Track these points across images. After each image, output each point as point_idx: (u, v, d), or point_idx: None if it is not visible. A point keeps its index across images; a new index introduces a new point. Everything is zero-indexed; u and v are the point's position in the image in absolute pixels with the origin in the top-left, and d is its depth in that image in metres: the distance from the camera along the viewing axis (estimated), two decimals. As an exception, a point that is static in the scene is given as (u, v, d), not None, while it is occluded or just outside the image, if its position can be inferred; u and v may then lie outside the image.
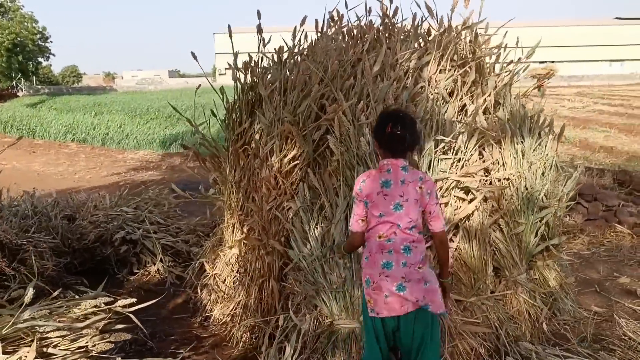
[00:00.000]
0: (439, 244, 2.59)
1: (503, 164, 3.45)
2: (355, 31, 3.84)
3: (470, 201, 3.25)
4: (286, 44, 3.85)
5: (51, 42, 43.64)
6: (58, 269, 4.36)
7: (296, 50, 3.84)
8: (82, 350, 2.49)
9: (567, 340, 3.26)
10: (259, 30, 3.76)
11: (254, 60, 3.84)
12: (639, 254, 4.96)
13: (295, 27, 3.86)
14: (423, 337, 2.50)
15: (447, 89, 3.50)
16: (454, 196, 3.23)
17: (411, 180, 2.48)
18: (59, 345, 2.45)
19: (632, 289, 4.24)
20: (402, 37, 3.70)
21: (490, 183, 3.42)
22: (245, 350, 3.50)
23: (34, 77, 46.99)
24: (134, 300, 2.94)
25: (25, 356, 2.26)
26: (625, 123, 16.90)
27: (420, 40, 3.85)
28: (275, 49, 3.85)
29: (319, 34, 3.83)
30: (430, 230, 2.55)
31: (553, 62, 52.00)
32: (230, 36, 3.76)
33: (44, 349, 2.38)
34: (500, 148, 3.45)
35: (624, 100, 27.06)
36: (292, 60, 3.81)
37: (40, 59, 44.70)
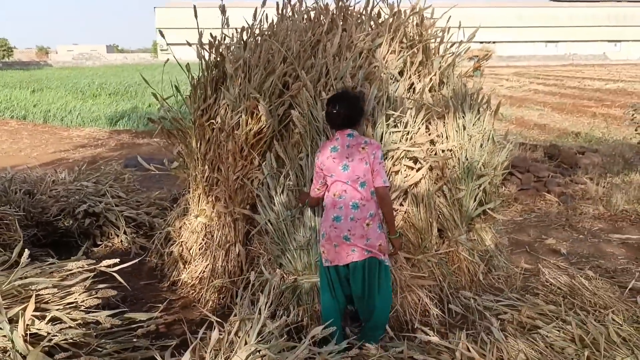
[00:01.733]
0: (379, 199, 2.93)
1: (447, 136, 3.85)
2: (313, 14, 4.12)
3: (418, 170, 3.64)
4: (247, 23, 4.08)
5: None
6: (23, 241, 4.48)
7: (257, 30, 4.08)
8: (72, 305, 2.72)
9: (501, 291, 3.73)
10: (222, 10, 3.98)
11: (218, 39, 4.06)
12: (564, 218, 5.54)
13: (256, 9, 4.10)
14: (370, 285, 2.95)
15: (397, 69, 3.85)
16: (404, 165, 3.60)
17: (355, 143, 2.91)
18: (50, 301, 2.67)
19: (557, 249, 4.79)
20: (357, 20, 4.01)
21: (435, 154, 3.81)
22: (214, 309, 3.80)
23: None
24: (117, 260, 3.17)
25: (24, 310, 2.47)
26: (558, 102, 17.94)
27: (373, 24, 4.17)
28: (236, 29, 4.09)
29: (279, 16, 4.08)
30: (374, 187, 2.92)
31: (494, 42, 53.78)
32: (196, 15, 3.96)
33: (38, 305, 2.60)
34: (444, 122, 3.84)
35: (557, 80, 28.53)
36: (254, 40, 4.05)
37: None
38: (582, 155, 7.47)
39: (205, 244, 4.10)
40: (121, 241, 5.11)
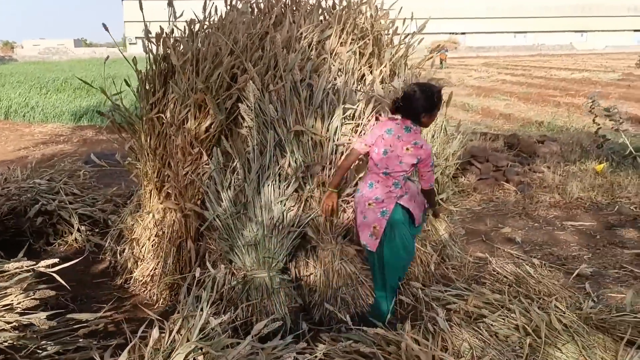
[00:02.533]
0: (426, 195, 3.32)
1: (398, 128, 3.84)
2: (262, 5, 4.07)
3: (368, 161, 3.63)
4: (196, 16, 4.01)
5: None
6: (-29, 241, 4.36)
7: (207, 23, 4.01)
8: (7, 307, 2.64)
9: (452, 281, 3.75)
10: (170, 2, 3.90)
11: (166, 32, 3.98)
12: (521, 207, 5.61)
13: (206, 1, 4.03)
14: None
15: (348, 61, 3.83)
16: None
17: (405, 139, 3.06)
18: (-17, 304, 2.59)
19: (512, 237, 4.85)
20: (306, 11, 3.97)
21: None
22: (166, 306, 3.75)
23: None
24: (56, 260, 3.09)
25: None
26: (525, 92, 18.15)
27: (325, 15, 4.14)
28: (186, 21, 4.01)
29: (228, 7, 4.02)
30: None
31: (464, 33, 54.28)
32: (141, 8, 3.87)
33: (-30, 308, 2.52)
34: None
35: (525, 70, 28.87)
36: (203, 33, 3.98)
37: None
38: (541, 144, 7.58)
39: (157, 240, 4.03)
40: (75, 239, 5.01)
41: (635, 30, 54.53)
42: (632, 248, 4.53)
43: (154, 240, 4.07)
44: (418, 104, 3.05)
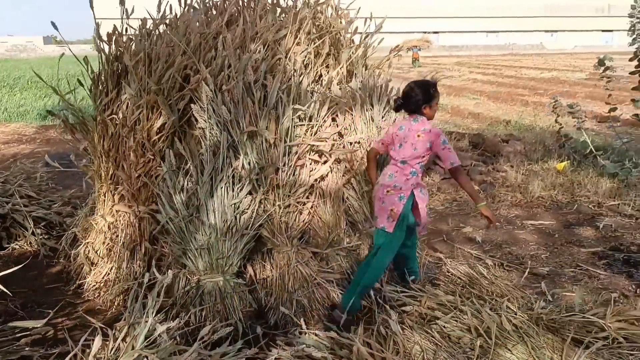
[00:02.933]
0: (454, 178, 3.35)
1: (354, 129, 3.82)
2: (218, 4, 4.00)
3: (324, 163, 3.60)
4: (150, 15, 3.93)
5: None
6: None
7: (160, 22, 3.93)
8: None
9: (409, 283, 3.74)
10: (122, 1, 3.81)
11: (118, 31, 3.89)
12: (483, 206, 5.64)
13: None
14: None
15: (304, 61, 3.79)
16: (309, 159, 3.55)
17: (415, 128, 3.31)
18: None
19: (473, 237, 4.88)
20: (262, 11, 3.92)
21: (344, 147, 3.78)
22: (118, 312, 3.66)
23: None
24: None
25: None
26: (495, 91, 18.36)
27: (283, 14, 4.10)
28: (140, 20, 3.93)
29: (182, 7, 3.95)
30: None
31: (437, 32, 54.69)
32: (91, 6, 3.78)
33: None
34: (352, 115, 3.81)
35: (496, 69, 29.21)
36: (157, 32, 3.90)
37: None
38: (506, 143, 7.65)
39: (111, 244, 3.94)
40: (30, 243, 4.87)
41: (603, 31, 55.66)
42: (589, 247, 4.59)
43: (108, 244, 3.97)
44: (417, 97, 3.34)
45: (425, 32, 50.96)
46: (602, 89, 6.64)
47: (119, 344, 2.59)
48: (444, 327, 2.92)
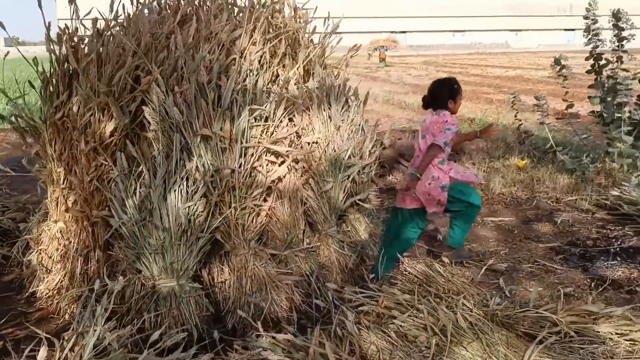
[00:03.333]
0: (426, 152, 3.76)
1: (312, 129, 3.80)
2: (171, 3, 3.93)
3: (281, 164, 3.57)
4: (102, 15, 3.83)
5: None
6: None
7: (113, 22, 3.84)
8: None
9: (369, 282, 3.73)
10: (71, 0, 3.71)
11: (68, 32, 3.78)
12: (445, 204, 5.69)
13: (113, -1, 3.86)
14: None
15: (260, 61, 3.75)
16: (266, 160, 3.51)
17: (435, 120, 3.76)
18: None
19: (434, 235, 4.91)
20: (217, 10, 3.86)
21: (302, 147, 3.75)
22: (71, 320, 3.56)
23: None
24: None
25: None
26: (460, 89, 18.54)
27: (240, 14, 4.05)
28: (92, 19, 3.83)
29: (134, 6, 3.86)
30: None
31: (404, 32, 55.16)
32: (40, 5, 3.67)
33: None
34: (310, 115, 3.79)
35: (462, 68, 29.58)
36: (110, 32, 3.81)
37: None
38: (468, 141, 7.73)
39: (64, 251, 3.83)
40: (-20, 251, 4.71)
41: (565, 30, 56.91)
42: (546, 242, 4.67)
43: (61, 250, 3.87)
44: (442, 94, 3.81)
45: (392, 32, 51.39)
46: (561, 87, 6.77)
47: (67, 354, 2.52)
48: (401, 326, 2.91)
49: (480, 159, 6.92)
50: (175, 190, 3.26)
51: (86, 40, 3.79)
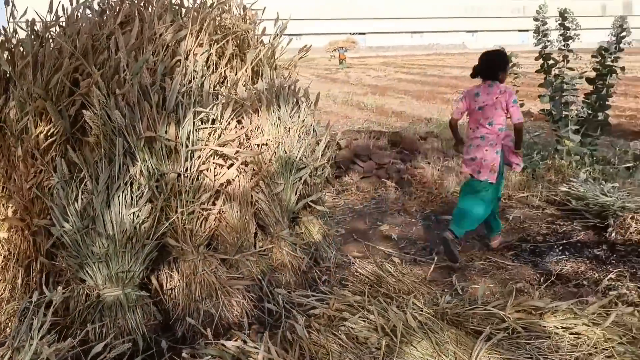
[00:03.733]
0: (517, 131, 4.22)
1: (262, 130, 3.75)
2: (113, 3, 3.82)
3: (229, 167, 3.51)
4: (40, 16, 3.69)
5: None
6: None
7: (51, 23, 3.70)
8: None
9: (323, 284, 3.71)
10: (7, 1, 3.57)
11: (4, 34, 3.63)
12: (400, 203, 5.72)
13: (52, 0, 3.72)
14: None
15: (207, 62, 3.68)
16: (213, 163, 3.45)
17: (493, 92, 4.02)
18: None
19: (389, 235, 4.92)
20: (161, 9, 3.77)
21: (252, 149, 3.70)
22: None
23: None
24: None
25: None
26: (419, 90, 18.81)
27: (186, 15, 3.96)
28: (27, 20, 3.68)
29: (73, 7, 3.73)
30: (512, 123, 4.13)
31: (364, 33, 55.55)
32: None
33: None
34: (259, 116, 3.74)
35: (421, 69, 29.97)
36: (48, 34, 3.68)
37: None
38: (424, 140, 7.81)
39: (4, 262, 3.67)
40: None
41: (519, 31, 58.32)
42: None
43: (1, 261, 3.70)
44: (495, 64, 4.08)
45: (352, 34, 51.69)
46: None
47: (1, 371, 2.40)
48: (352, 328, 2.89)
49: (435, 158, 6.99)
50: (119, 196, 3.16)
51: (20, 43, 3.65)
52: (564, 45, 6.45)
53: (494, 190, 4.24)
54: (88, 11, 3.82)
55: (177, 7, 3.94)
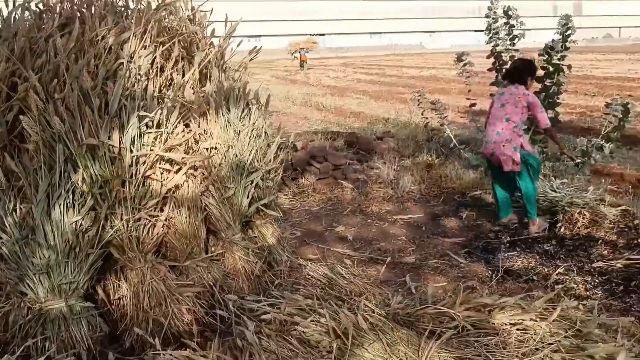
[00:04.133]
0: (549, 137, 5.11)
1: (211, 134, 3.68)
2: (52, 5, 3.69)
3: (177, 171, 3.43)
4: (-26, 18, 3.54)
5: None
6: None
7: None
8: None
9: (276, 289, 3.66)
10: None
11: None
12: (356, 204, 5.73)
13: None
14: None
15: (152, 65, 3.59)
16: (160, 168, 3.36)
17: (515, 92, 4.60)
18: None
19: (345, 236, 4.91)
20: (103, 10, 3.66)
21: (200, 153, 3.63)
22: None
23: None
24: None
25: None
26: (377, 90, 18.94)
27: (130, 16, 3.86)
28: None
29: (9, 9, 3.59)
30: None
31: (323, 34, 55.67)
32: None
33: None
34: (207, 119, 3.67)
35: (379, 69, 30.22)
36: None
37: None
38: (380, 140, 7.86)
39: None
40: None
41: (475, 31, 59.51)
42: (452, 237, 4.79)
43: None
44: (526, 70, 4.71)
45: (311, 35, 51.76)
46: (464, 85, 7.02)
47: None
48: (303, 332, 2.86)
49: (391, 158, 7.03)
50: (60, 205, 3.04)
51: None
52: (510, 44, 6.57)
53: (534, 167, 4.69)
54: (27, 13, 3.69)
55: (120, 9, 3.83)
